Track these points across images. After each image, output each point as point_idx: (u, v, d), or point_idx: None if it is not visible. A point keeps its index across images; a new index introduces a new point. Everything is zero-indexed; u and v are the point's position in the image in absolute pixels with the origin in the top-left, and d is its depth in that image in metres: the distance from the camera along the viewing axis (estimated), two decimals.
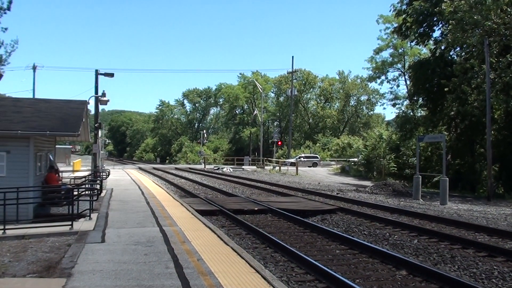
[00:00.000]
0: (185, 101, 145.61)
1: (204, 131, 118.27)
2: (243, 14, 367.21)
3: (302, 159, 73.12)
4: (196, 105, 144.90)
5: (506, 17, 30.83)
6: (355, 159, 61.97)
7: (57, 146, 28.65)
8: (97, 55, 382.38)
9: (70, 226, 14.65)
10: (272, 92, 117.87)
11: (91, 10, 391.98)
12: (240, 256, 10.79)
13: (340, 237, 14.71)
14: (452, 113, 36.77)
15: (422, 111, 47.82)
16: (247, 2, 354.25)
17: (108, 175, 34.67)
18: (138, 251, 11.31)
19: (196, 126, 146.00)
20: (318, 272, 10.45)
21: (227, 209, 20.66)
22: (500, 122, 35.23)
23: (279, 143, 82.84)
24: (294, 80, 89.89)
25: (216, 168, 69.95)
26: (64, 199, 18.82)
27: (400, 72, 66.54)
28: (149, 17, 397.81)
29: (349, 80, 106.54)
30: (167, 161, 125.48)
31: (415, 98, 45.17)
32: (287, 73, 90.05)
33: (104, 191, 26.83)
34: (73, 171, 45.65)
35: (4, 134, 17.04)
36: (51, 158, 23.08)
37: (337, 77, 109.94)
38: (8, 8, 32.44)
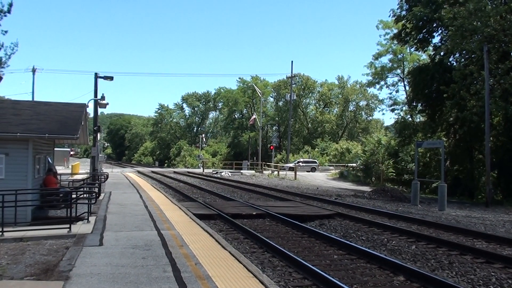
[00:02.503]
0: (184, 105, 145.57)
1: (203, 135, 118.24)
2: (243, 19, 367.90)
3: (300, 164, 73.04)
4: (195, 109, 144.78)
5: (505, 24, 30.92)
6: (354, 164, 62.09)
7: (55, 148, 28.65)
8: (97, 58, 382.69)
9: (68, 229, 14.65)
10: (271, 97, 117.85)
11: (91, 14, 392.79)
12: (238, 260, 10.78)
13: (338, 242, 14.71)
14: (451, 119, 36.83)
15: (421, 117, 47.93)
16: (246, 7, 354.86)
17: (107, 178, 34.66)
18: (136, 255, 11.30)
19: (195, 130, 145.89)
20: (316, 277, 10.44)
21: (225, 213, 20.65)
22: (499, 128, 35.28)
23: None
24: (293, 85, 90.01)
25: (215, 172, 69.92)
26: (62, 202, 18.84)
27: (399, 78, 66.83)
28: (149, 21, 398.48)
29: (348, 85, 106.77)
30: (165, 164, 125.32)
31: (414, 103, 45.25)
32: (286, 77, 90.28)
33: (102, 194, 26.79)
34: (72, 174, 45.61)
35: (3, 136, 17.08)
36: (50, 161, 23.11)
37: (336, 82, 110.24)
38: (9, 11, 32.44)
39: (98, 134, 40.30)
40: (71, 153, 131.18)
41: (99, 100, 37.12)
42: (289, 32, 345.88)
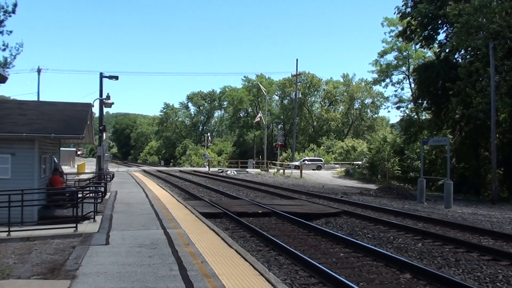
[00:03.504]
0: (190, 104, 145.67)
1: (208, 134, 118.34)
2: (247, 17, 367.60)
3: (306, 162, 73.04)
4: (201, 108, 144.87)
5: (511, 20, 30.81)
6: (359, 162, 62.02)
7: (61, 148, 28.71)
8: (102, 58, 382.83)
9: (74, 228, 14.70)
10: (276, 95, 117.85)
11: (96, 13, 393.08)
12: (244, 258, 10.79)
13: (344, 240, 14.70)
14: (457, 116, 36.71)
15: (426, 114, 47.75)
16: (251, 6, 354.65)
17: (113, 178, 34.72)
18: (143, 253, 11.32)
19: (200, 129, 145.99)
20: (322, 275, 10.44)
21: (231, 211, 20.67)
22: (505, 125, 35.14)
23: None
24: (298, 83, 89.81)
25: (220, 171, 69.99)
26: (68, 201, 18.89)
27: (404, 75, 66.65)
28: (153, 20, 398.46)
29: (354, 83, 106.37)
30: (171, 163, 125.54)
31: (419, 101, 45.05)
32: (291, 76, 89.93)
33: (108, 194, 26.85)
34: (78, 173, 45.71)
35: (9, 137, 17.11)
36: (56, 161, 23.16)
37: (342, 80, 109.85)
38: (13, 11, 32.66)
39: (104, 134, 40.39)
40: (78, 152, 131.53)
41: (104, 100, 37.20)
42: (294, 31, 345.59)
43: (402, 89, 68.24)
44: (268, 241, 14.53)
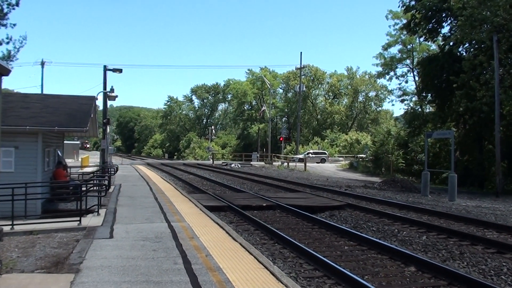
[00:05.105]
0: (194, 97, 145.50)
1: (212, 127, 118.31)
2: (251, 10, 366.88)
3: (310, 155, 73.03)
4: (205, 101, 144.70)
5: None
6: (363, 155, 61.98)
7: (65, 141, 28.72)
8: (106, 51, 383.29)
9: (78, 222, 14.68)
10: (281, 88, 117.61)
11: (100, 6, 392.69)
12: (249, 252, 10.77)
13: (349, 233, 14.68)
14: (461, 109, 36.62)
15: (430, 107, 47.77)
16: None
17: (116, 171, 34.68)
18: (147, 247, 11.30)
19: (204, 122, 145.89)
20: (327, 268, 10.43)
21: (235, 205, 20.63)
22: (509, 118, 35.02)
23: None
24: (303, 76, 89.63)
25: (224, 164, 69.94)
26: (72, 194, 18.90)
27: (408, 68, 66.43)
28: (158, 13, 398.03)
29: (358, 76, 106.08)
30: (175, 157, 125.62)
31: (423, 94, 45.09)
32: (296, 69, 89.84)
33: (112, 187, 26.85)
34: (81, 166, 45.73)
35: (12, 130, 17.10)
36: (60, 154, 23.17)
37: (346, 73, 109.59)
38: (17, 4, 32.63)
39: (108, 127, 40.45)
40: (87, 146, 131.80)
41: (108, 93, 37.22)
42: (298, 24, 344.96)
43: (406, 82, 68.12)
44: (272, 234, 14.52)
